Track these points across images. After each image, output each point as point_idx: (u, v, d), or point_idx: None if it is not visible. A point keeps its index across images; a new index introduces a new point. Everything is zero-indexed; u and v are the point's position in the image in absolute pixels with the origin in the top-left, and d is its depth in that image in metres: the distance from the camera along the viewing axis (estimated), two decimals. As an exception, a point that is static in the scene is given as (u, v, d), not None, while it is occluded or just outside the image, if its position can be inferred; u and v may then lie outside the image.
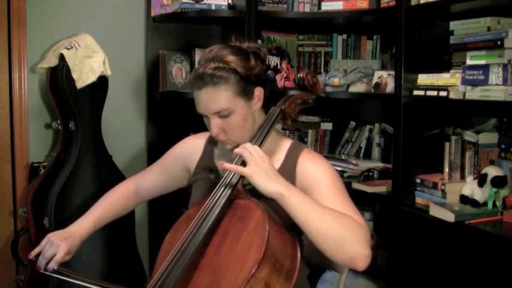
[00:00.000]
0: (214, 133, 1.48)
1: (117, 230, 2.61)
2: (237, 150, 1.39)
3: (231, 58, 1.46)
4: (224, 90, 1.44)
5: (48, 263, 1.50)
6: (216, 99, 1.44)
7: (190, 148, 1.72)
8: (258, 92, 1.52)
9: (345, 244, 1.33)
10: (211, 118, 1.47)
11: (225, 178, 1.43)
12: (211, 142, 1.69)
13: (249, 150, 1.37)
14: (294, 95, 1.62)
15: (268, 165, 1.36)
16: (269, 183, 1.33)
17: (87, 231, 1.65)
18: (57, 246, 1.52)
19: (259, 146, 1.45)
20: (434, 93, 2.10)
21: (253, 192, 1.51)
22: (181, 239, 1.35)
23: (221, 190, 1.40)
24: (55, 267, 1.50)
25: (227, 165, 1.38)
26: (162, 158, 1.79)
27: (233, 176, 1.42)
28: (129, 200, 1.79)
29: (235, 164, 1.41)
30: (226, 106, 1.45)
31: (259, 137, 1.48)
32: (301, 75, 1.62)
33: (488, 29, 1.97)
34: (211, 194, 1.41)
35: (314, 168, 1.50)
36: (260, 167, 1.34)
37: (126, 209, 1.80)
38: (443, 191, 2.10)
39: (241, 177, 1.41)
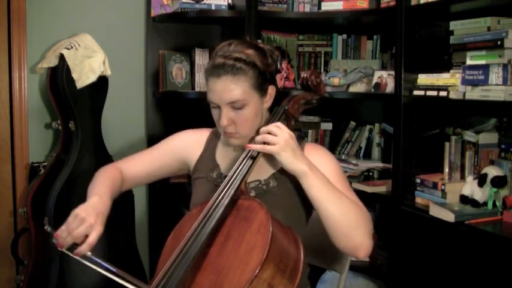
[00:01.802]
0: (224, 124, 1.48)
1: (117, 230, 2.61)
2: (263, 128, 1.43)
3: (251, 52, 1.50)
4: (243, 81, 1.46)
5: (76, 245, 1.28)
6: (233, 88, 1.45)
7: (190, 141, 1.70)
8: (271, 90, 1.55)
9: (353, 231, 1.38)
10: (224, 108, 1.48)
11: (229, 178, 1.43)
12: (214, 139, 1.68)
13: (279, 126, 1.41)
14: (297, 95, 1.62)
15: (295, 143, 1.41)
16: (295, 160, 1.39)
17: (109, 206, 1.44)
18: (89, 225, 1.30)
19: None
20: (434, 93, 2.10)
21: (256, 192, 1.52)
22: (184, 240, 1.35)
23: (224, 190, 1.40)
24: (88, 254, 1.27)
25: (254, 146, 1.42)
26: (157, 147, 1.71)
27: (237, 175, 1.42)
28: (120, 184, 1.61)
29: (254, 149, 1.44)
30: (242, 97, 1.46)
31: None
32: (305, 75, 1.62)
33: (488, 29, 1.97)
34: (215, 194, 1.41)
35: (318, 158, 1.51)
36: (288, 143, 1.39)
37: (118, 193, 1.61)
38: (443, 191, 2.11)
39: (244, 177, 1.42)
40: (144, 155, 1.71)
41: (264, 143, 1.41)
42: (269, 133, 1.41)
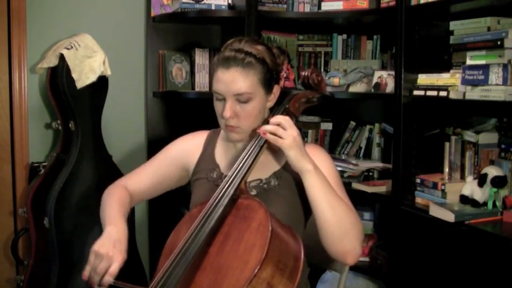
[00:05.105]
0: (227, 116, 1.48)
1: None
2: (273, 120, 1.44)
3: (261, 49, 1.52)
4: (252, 75, 1.47)
5: (102, 277, 1.35)
6: (242, 80, 1.46)
7: (188, 146, 1.70)
8: (276, 89, 1.57)
9: (346, 237, 1.41)
10: (229, 100, 1.48)
11: (229, 177, 1.43)
12: (212, 139, 1.68)
13: (288, 121, 1.42)
14: (298, 94, 1.62)
15: (301, 140, 1.43)
16: (302, 158, 1.42)
17: (126, 230, 1.47)
18: (109, 258, 1.36)
19: (263, 142, 1.47)
20: (434, 93, 2.10)
21: (257, 191, 1.52)
22: (184, 239, 1.35)
23: (224, 189, 1.40)
24: (111, 282, 1.35)
25: (267, 127, 1.43)
26: (157, 157, 1.71)
27: (236, 174, 1.43)
28: (129, 202, 1.63)
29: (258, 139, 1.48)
30: (249, 90, 1.47)
31: None
32: (306, 73, 1.63)
33: (488, 29, 1.97)
34: (214, 194, 1.41)
35: (317, 160, 1.50)
36: (296, 140, 1.41)
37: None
38: (443, 191, 2.11)
39: (245, 176, 1.43)
40: (146, 167, 1.71)
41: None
42: (278, 125, 1.42)
